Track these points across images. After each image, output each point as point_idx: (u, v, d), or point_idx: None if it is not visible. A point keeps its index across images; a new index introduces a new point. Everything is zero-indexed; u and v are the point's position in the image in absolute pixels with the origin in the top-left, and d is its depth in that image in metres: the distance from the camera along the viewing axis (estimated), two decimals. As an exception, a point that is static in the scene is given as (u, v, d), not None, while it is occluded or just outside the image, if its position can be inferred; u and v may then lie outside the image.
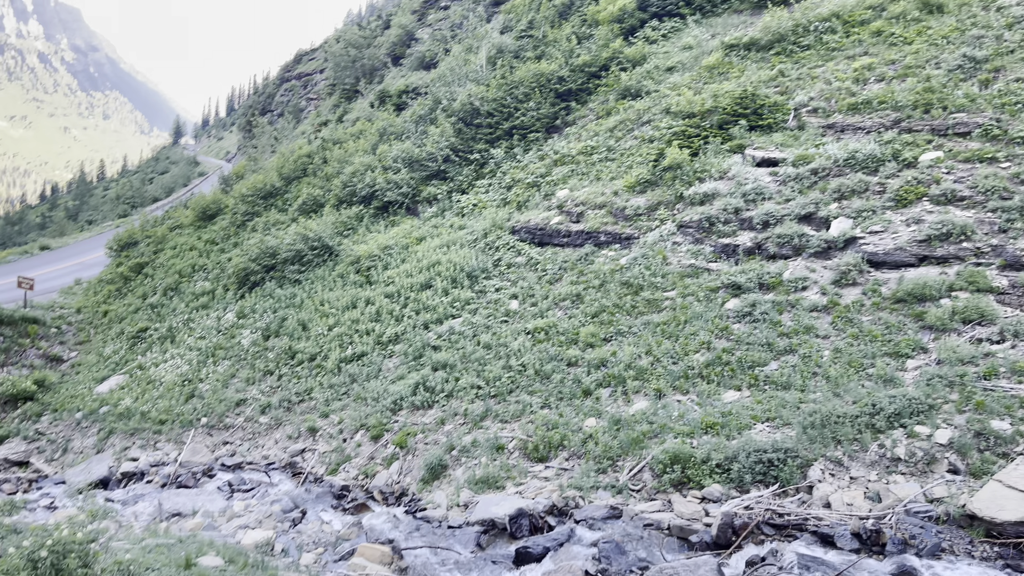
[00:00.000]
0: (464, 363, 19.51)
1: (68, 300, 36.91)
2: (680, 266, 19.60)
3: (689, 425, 13.80)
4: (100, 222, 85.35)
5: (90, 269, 44.52)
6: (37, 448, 24.12)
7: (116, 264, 40.43)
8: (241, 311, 28.46)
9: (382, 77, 54.74)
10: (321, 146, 41.21)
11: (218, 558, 10.40)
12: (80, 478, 20.26)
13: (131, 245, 42.12)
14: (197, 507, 16.05)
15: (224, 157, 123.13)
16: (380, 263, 26.92)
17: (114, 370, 28.40)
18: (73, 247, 59.26)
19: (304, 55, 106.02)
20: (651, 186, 23.04)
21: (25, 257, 55.34)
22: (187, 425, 22.40)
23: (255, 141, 66.52)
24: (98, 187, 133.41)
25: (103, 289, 37.52)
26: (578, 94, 31.45)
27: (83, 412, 25.02)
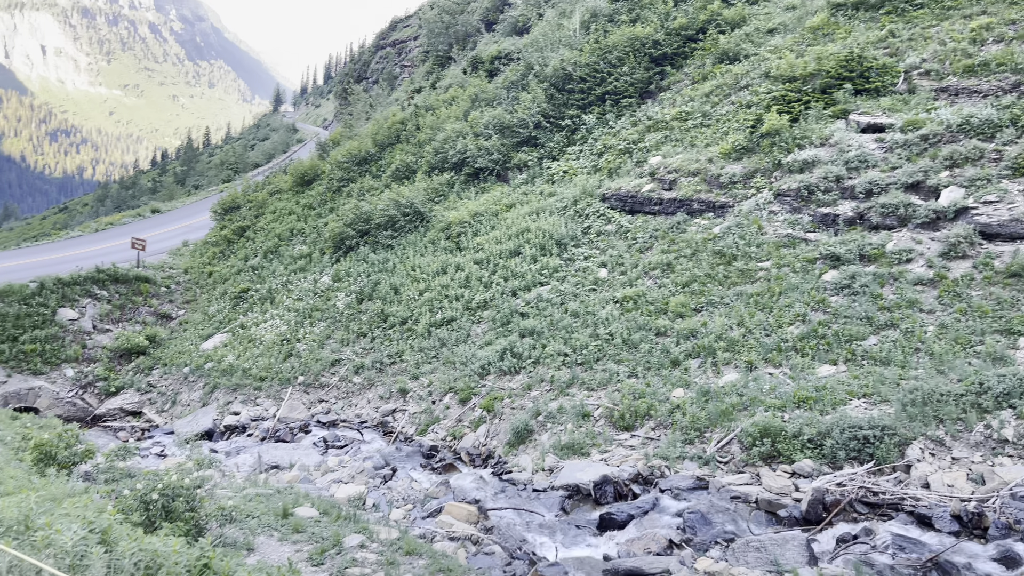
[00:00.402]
0: (551, 330, 19.58)
1: (176, 261, 38.84)
2: (776, 236, 19.00)
3: (780, 399, 13.48)
4: (205, 187, 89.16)
5: (196, 232, 46.66)
6: (149, 399, 25.68)
7: (220, 227, 42.23)
8: (336, 274, 29.32)
9: (475, 43, 54.76)
10: (414, 113, 41.68)
11: (313, 509, 10.86)
12: (187, 429, 21.48)
13: (234, 209, 43.86)
14: (294, 461, 16.78)
15: (321, 124, 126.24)
16: (470, 229, 27.17)
17: (218, 328, 29.82)
18: (181, 210, 62.21)
19: (399, 22, 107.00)
20: (747, 153, 22.35)
21: (138, 219, 58.44)
22: (285, 383, 23.37)
23: (351, 108, 67.86)
24: (204, 153, 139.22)
25: (208, 251, 39.30)
26: (673, 58, 30.67)
27: (190, 367, 26.43)
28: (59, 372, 26.38)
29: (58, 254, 39.83)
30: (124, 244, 39.93)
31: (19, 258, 39.27)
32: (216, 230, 42.26)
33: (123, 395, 26.02)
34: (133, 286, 32.93)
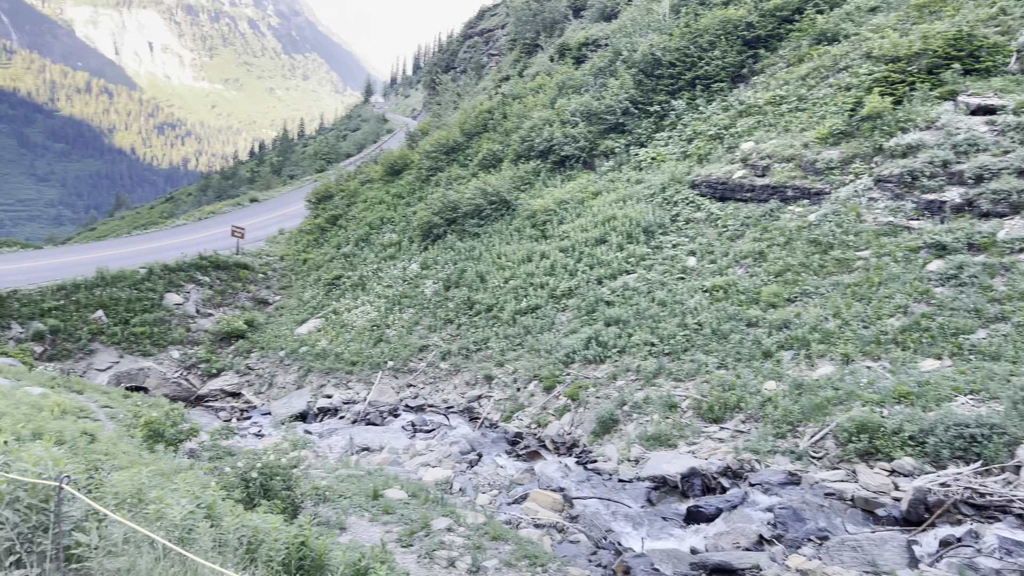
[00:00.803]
0: (638, 319, 19.37)
1: (273, 248, 40.28)
2: (876, 224, 18.21)
3: (879, 393, 12.95)
4: (300, 176, 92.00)
5: (292, 220, 48.22)
6: (247, 381, 26.78)
7: (314, 216, 43.52)
8: (424, 262, 29.81)
9: (562, 30, 54.45)
10: (501, 101, 41.81)
11: (402, 491, 11.11)
12: (283, 410, 22.31)
13: (327, 198, 45.10)
14: (383, 443, 17.21)
15: (410, 114, 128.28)
16: (555, 217, 27.13)
17: (312, 314, 30.80)
18: (277, 199, 64.41)
19: (487, 11, 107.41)
20: (846, 137, 21.46)
21: (237, 208, 60.87)
22: (375, 367, 23.95)
23: (438, 98, 68.66)
24: (298, 144, 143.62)
25: (303, 239, 40.59)
26: (767, 40, 29.71)
27: (285, 351, 27.42)
28: (166, 354, 27.80)
29: (165, 242, 41.90)
30: (225, 232, 41.65)
31: (130, 245, 41.49)
32: (310, 219, 43.57)
33: (224, 377, 27.22)
34: (233, 272, 34.36)
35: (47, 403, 12.20)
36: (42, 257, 37.13)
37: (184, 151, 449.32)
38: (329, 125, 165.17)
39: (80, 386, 18.99)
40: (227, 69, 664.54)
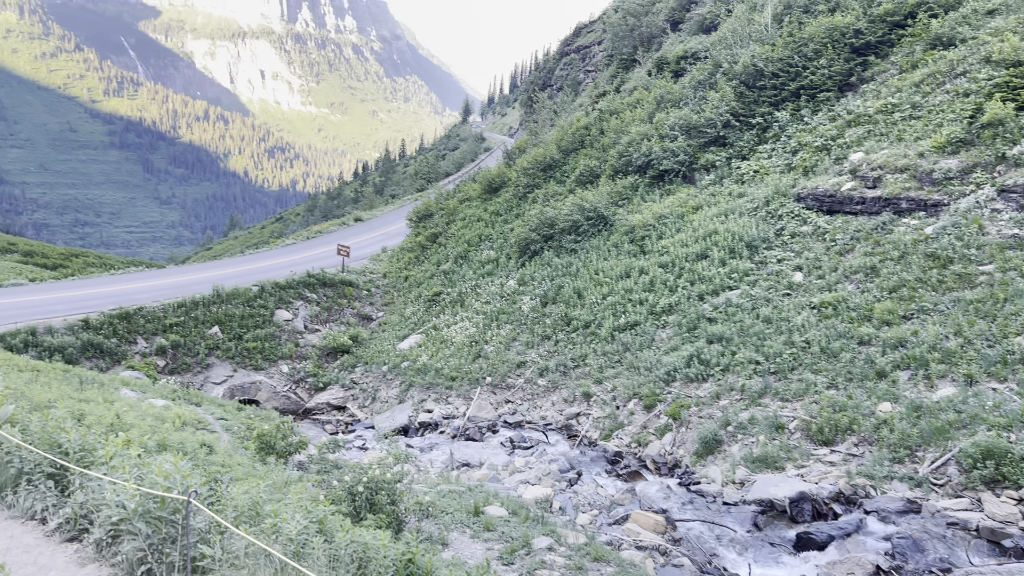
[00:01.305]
0: (741, 337, 18.85)
1: (376, 266, 41.46)
2: (1000, 236, 17.12)
3: (1006, 417, 12.12)
4: (401, 196, 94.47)
5: (394, 238, 49.53)
6: (352, 395, 27.56)
7: (415, 234, 44.57)
8: (522, 278, 29.98)
9: (660, 44, 53.98)
10: (598, 117, 41.75)
11: (502, 509, 11.14)
12: (385, 424, 22.83)
13: (427, 217, 46.12)
14: (483, 459, 17.33)
15: (507, 132, 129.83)
16: (654, 232, 26.79)
17: (413, 329, 31.46)
18: (380, 219, 66.32)
19: (583, 28, 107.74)
20: (965, 146, 20.32)
21: (342, 228, 63.05)
22: (474, 383, 24.21)
23: (535, 116, 69.18)
24: (399, 164, 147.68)
25: (404, 256, 41.60)
26: (878, 47, 28.53)
27: (388, 366, 28.08)
28: (276, 368, 28.97)
29: (275, 260, 43.79)
30: (331, 251, 43.19)
31: (243, 264, 43.58)
32: (411, 237, 44.63)
33: (329, 390, 28.12)
34: (339, 289, 35.56)
35: (169, 415, 12.90)
36: (164, 276, 39.42)
37: (293, 173, 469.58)
38: (429, 145, 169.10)
39: (198, 399, 20.00)
40: (333, 93, 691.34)
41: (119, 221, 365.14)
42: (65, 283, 37.26)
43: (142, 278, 38.29)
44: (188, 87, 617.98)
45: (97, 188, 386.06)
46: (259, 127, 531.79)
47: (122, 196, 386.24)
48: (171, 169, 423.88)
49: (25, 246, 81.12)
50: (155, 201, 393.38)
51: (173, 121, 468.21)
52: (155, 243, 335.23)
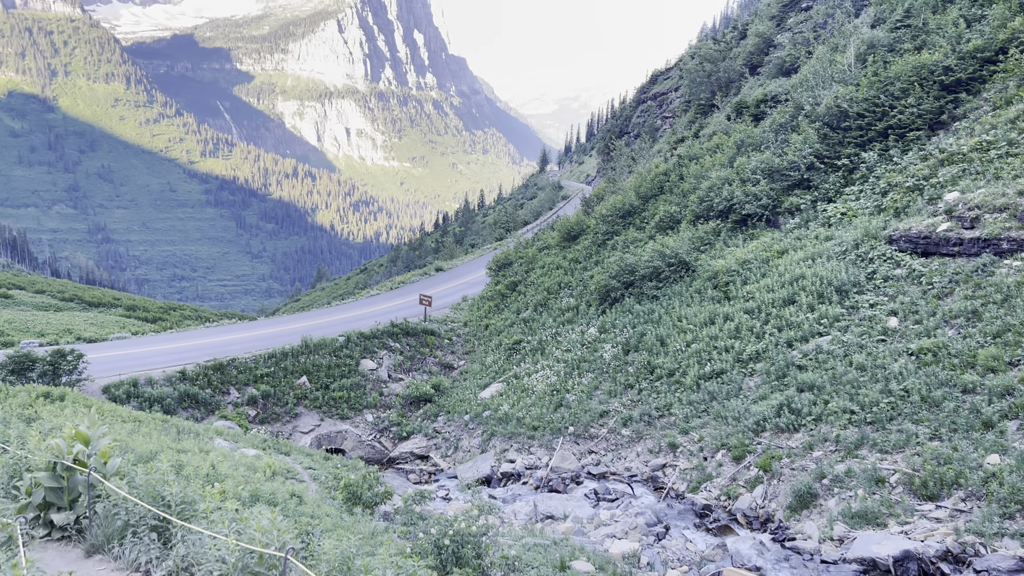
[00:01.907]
0: (834, 385, 18.14)
1: (457, 315, 41.95)
2: (1116, 277, 16.07)
3: None
4: (481, 245, 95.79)
5: (474, 287, 50.09)
6: (434, 444, 27.71)
7: (494, 283, 44.98)
8: (602, 326, 29.76)
9: (738, 88, 53.63)
10: (677, 163, 41.56)
11: (588, 564, 10.91)
12: (468, 474, 22.81)
13: (506, 265, 46.54)
14: (567, 512, 17.07)
15: (584, 180, 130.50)
16: (738, 278, 26.26)
17: (494, 378, 31.54)
18: (460, 268, 67.31)
19: (659, 75, 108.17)
20: (1071, 182, 19.28)
21: (424, 278, 64.21)
22: (556, 432, 23.99)
23: (613, 163, 69.43)
24: (478, 214, 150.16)
25: (484, 305, 41.97)
26: (968, 84, 27.58)
27: (470, 415, 28.17)
28: (361, 417, 29.46)
29: (360, 311, 44.85)
30: (413, 300, 43.98)
31: (330, 315, 44.78)
32: (491, 285, 45.05)
33: (413, 440, 28.35)
34: (421, 338, 36.09)
35: (260, 464, 13.23)
36: (255, 328, 40.85)
37: (376, 225, 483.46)
38: (507, 195, 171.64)
39: (287, 448, 20.48)
40: (414, 148, 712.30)
41: (213, 275, 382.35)
42: (164, 336, 39.06)
43: (235, 330, 39.78)
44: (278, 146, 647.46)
45: (194, 244, 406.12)
46: (344, 182, 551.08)
47: (216, 251, 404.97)
48: (262, 224, 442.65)
49: (128, 301, 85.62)
50: (247, 255, 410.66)
51: (264, 179, 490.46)
52: (247, 295, 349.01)
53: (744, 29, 69.00)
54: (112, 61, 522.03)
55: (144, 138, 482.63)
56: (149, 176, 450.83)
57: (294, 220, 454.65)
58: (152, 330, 47.09)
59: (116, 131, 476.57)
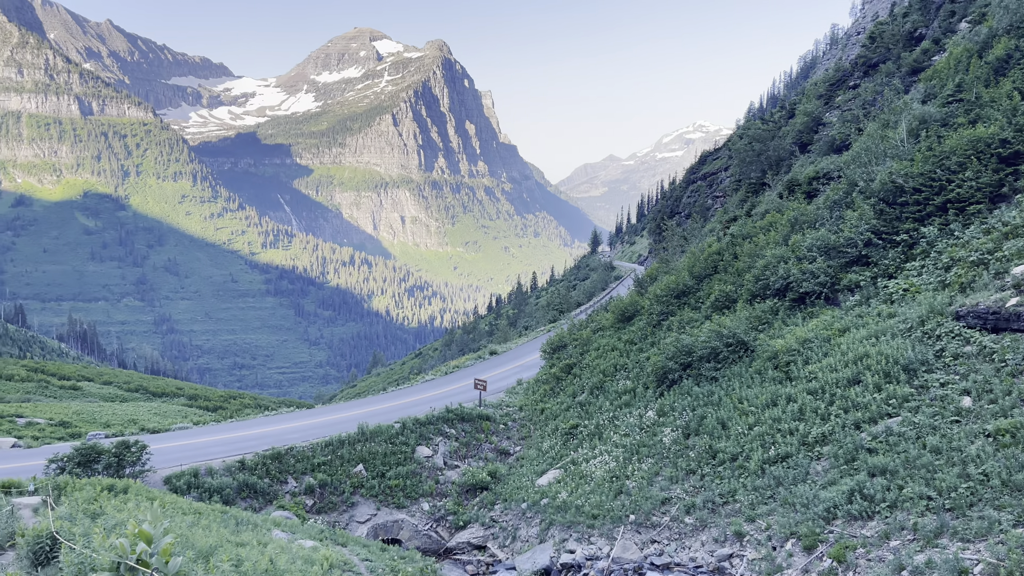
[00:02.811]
0: (908, 469, 17.34)
1: (512, 399, 41.71)
2: None
3: None
4: (534, 327, 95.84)
5: (529, 370, 49.93)
6: (491, 534, 27.16)
7: (549, 366, 44.77)
8: (661, 409, 29.21)
9: (789, 166, 53.64)
10: (730, 242, 41.38)
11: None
12: (526, 566, 22.20)
13: (561, 348, 46.39)
14: (630, 605, 16.41)
15: (637, 260, 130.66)
16: (799, 357, 25.63)
17: (551, 464, 31.01)
18: (515, 351, 67.28)
19: (708, 155, 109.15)
20: None
21: (479, 362, 64.28)
22: (616, 521, 23.31)
23: (665, 243, 69.48)
24: (531, 296, 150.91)
25: (539, 388, 41.69)
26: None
27: (527, 503, 27.62)
28: (417, 506, 29.14)
29: (415, 396, 44.99)
30: (467, 385, 44.00)
31: (385, 401, 45.00)
32: (546, 368, 44.84)
33: (469, 529, 27.84)
34: (476, 424, 35.88)
35: (318, 557, 13.14)
36: (313, 416, 41.23)
37: (431, 310, 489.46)
38: (559, 276, 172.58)
39: (343, 539, 20.31)
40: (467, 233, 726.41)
41: (272, 363, 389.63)
42: (224, 425, 39.66)
43: (292, 418, 40.20)
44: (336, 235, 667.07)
45: (254, 333, 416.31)
46: (399, 268, 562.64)
47: (275, 339, 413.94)
48: (319, 312, 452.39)
49: (190, 390, 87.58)
50: (305, 342, 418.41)
51: (322, 267, 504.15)
52: (304, 382, 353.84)
53: (792, 108, 69.57)
54: (180, 160, 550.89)
55: (208, 231, 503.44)
56: (212, 268, 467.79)
57: (351, 307, 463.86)
58: (213, 419, 47.89)
59: (182, 226, 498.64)
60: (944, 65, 39.71)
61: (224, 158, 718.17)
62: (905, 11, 62.22)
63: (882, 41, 58.80)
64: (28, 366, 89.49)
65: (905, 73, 48.60)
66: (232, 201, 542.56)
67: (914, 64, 48.69)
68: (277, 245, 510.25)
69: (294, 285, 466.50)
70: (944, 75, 38.29)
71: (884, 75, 51.17)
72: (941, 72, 39.14)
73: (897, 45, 55.80)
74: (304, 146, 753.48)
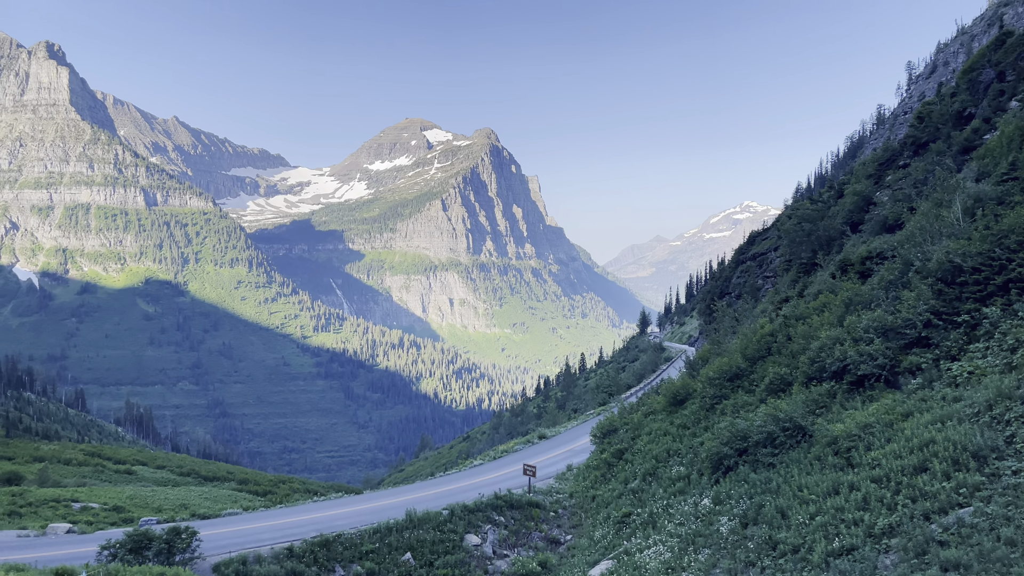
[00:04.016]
0: (983, 563, 16.35)
1: (562, 485, 40.86)
2: None
3: None
4: (583, 410, 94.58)
5: (579, 455, 49.04)
6: (543, 627, 26.18)
7: (599, 451, 43.92)
8: (717, 496, 28.27)
9: (840, 246, 53.04)
10: (783, 323, 40.69)
11: None
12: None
13: (611, 432, 45.57)
14: None
15: (687, 341, 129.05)
16: (860, 443, 24.71)
17: (603, 554, 30.05)
18: (564, 435, 66.27)
19: (757, 235, 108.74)
20: None
21: (527, 446, 63.39)
22: (673, 616, 22.32)
23: (715, 324, 68.67)
24: (580, 378, 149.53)
25: (590, 474, 40.81)
26: (1091, 231, 26.37)
27: (579, 595, 26.67)
28: (466, 597, 28.36)
29: (463, 482, 44.39)
30: (516, 471, 43.32)
31: (433, 487, 44.48)
32: (596, 454, 43.99)
33: (520, 622, 26.91)
34: (525, 511, 35.12)
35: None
36: (361, 502, 40.92)
37: (478, 392, 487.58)
38: (608, 358, 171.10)
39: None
40: (514, 315, 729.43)
41: (321, 446, 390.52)
42: (273, 511, 39.57)
43: (341, 504, 39.94)
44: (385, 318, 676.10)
45: (304, 416, 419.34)
46: (448, 350, 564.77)
47: (325, 422, 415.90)
48: (368, 394, 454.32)
49: (241, 474, 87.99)
50: (354, 426, 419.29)
51: (372, 350, 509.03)
52: (353, 466, 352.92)
53: (841, 188, 69.30)
54: (237, 247, 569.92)
55: (262, 316, 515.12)
56: (265, 351, 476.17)
57: (399, 389, 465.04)
58: (262, 504, 47.86)
59: (237, 310, 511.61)
60: (996, 143, 39.33)
61: (279, 244, 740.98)
62: (952, 91, 62.20)
63: (931, 121, 58.65)
64: (86, 450, 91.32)
65: (956, 152, 48.20)
66: (286, 286, 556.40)
67: (965, 143, 48.33)
68: (328, 328, 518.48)
69: (344, 368, 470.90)
70: (997, 153, 37.89)
71: (934, 154, 50.82)
72: (994, 150, 38.75)
73: (946, 124, 55.57)
74: (356, 232, 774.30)
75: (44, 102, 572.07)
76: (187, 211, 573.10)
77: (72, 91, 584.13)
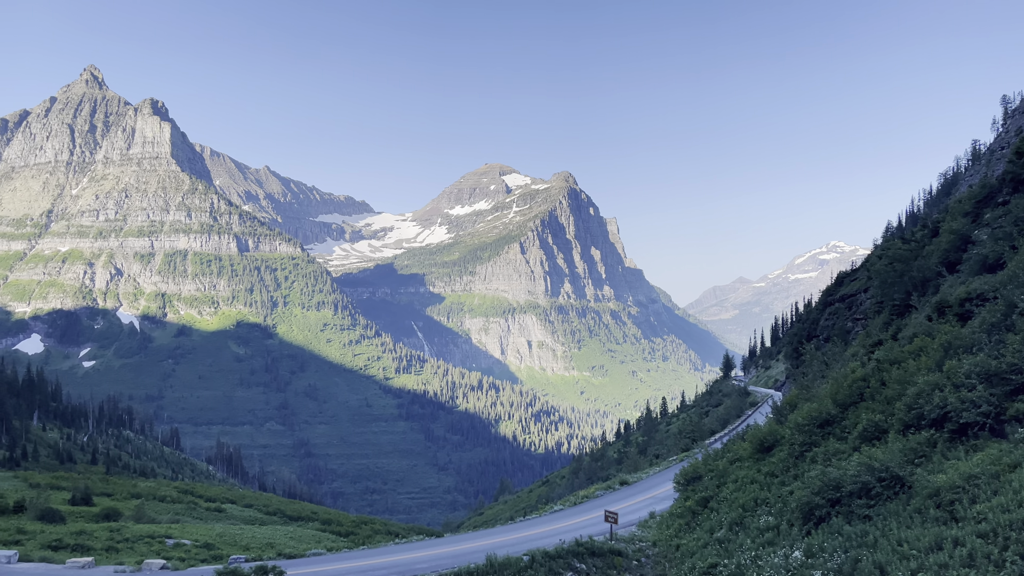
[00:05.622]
0: (1110, 631, 15.09)
1: (645, 533, 39.89)
2: None
3: None
4: (665, 456, 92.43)
5: (662, 502, 47.88)
6: None
7: (684, 498, 42.76)
8: (808, 549, 27.05)
9: (936, 287, 50.79)
10: (876, 367, 39.06)
11: None
12: None
13: (695, 479, 44.37)
14: None
15: (773, 385, 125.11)
16: (965, 495, 23.32)
17: (689, 606, 29.06)
18: (646, 481, 64.85)
19: (845, 276, 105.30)
20: None
21: (608, 492, 62.25)
22: (765, 675, 21.34)
23: (803, 368, 66.46)
24: (661, 423, 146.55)
25: (674, 523, 39.72)
26: None
27: (664, 648, 25.80)
28: (547, 646, 27.81)
29: (543, 528, 43.91)
30: (597, 517, 42.59)
31: (513, 532, 44.13)
32: (680, 501, 42.85)
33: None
34: (607, 559, 34.39)
35: None
36: (441, 545, 40.91)
37: (557, 435, 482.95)
38: (690, 402, 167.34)
39: None
40: (593, 357, 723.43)
41: (402, 487, 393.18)
42: (356, 552, 39.95)
43: (422, 547, 40.01)
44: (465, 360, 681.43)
45: (385, 457, 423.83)
46: (526, 393, 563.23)
47: (406, 464, 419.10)
48: (448, 436, 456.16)
49: (324, 514, 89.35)
50: (434, 467, 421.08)
51: (451, 392, 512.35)
52: (433, 508, 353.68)
53: (935, 226, 66.61)
54: (323, 291, 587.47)
55: (347, 358, 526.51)
56: (349, 393, 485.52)
57: (478, 431, 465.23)
58: (345, 545, 48.40)
59: (323, 352, 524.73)
60: (1105, 177, 37.18)
61: (363, 288, 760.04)
62: (1054, 123, 59.30)
63: (1030, 155, 55.96)
64: (179, 487, 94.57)
65: (1060, 187, 45.79)
66: (369, 328, 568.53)
67: (1070, 177, 45.89)
68: (410, 370, 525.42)
69: (424, 410, 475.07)
70: (1106, 188, 35.82)
71: (1036, 190, 48.38)
72: (1102, 185, 36.63)
73: (1048, 158, 52.94)
74: (437, 275, 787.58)
75: (148, 155, 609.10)
76: (276, 256, 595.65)
77: (173, 144, 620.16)
